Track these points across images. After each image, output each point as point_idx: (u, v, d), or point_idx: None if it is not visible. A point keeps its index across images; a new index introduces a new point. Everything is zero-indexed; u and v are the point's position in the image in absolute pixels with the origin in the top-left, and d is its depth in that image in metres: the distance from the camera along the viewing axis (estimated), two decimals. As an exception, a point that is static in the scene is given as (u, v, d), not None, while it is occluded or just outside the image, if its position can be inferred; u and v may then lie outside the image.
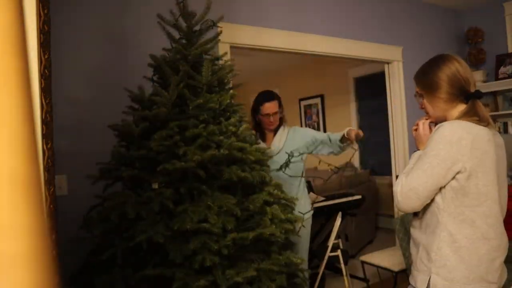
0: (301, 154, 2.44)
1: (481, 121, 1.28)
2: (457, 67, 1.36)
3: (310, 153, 2.57)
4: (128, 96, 1.70)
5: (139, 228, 1.38)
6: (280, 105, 2.50)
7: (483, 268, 1.26)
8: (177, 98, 1.58)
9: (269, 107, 2.44)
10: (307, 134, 2.55)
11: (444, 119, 1.37)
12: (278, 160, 2.35)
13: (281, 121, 2.55)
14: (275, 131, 2.54)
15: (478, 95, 1.34)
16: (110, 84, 2.13)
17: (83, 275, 1.52)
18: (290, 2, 2.94)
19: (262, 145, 2.47)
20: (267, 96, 2.48)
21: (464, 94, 1.34)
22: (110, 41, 2.19)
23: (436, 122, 1.43)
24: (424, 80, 1.44)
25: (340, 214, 2.83)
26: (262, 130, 2.55)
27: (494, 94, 3.95)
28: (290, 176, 2.31)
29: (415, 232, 1.40)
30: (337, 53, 3.21)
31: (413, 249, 1.41)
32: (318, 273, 2.80)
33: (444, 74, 1.37)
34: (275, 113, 2.46)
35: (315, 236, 3.40)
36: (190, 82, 1.63)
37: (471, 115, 1.30)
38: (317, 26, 3.07)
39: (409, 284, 1.41)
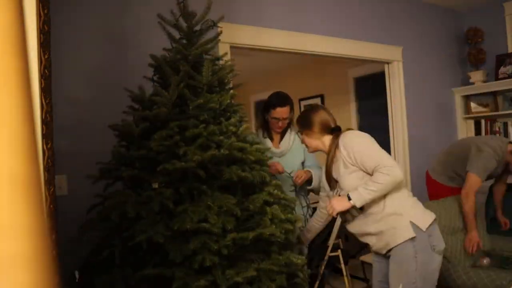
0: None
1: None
2: (324, 114, 2.00)
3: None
4: (128, 96, 1.70)
5: (139, 228, 1.38)
6: (291, 110, 2.47)
7: None
8: (177, 98, 1.58)
9: (281, 112, 2.41)
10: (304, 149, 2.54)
11: (316, 148, 2.01)
12: (286, 162, 2.37)
13: (289, 125, 2.52)
14: (282, 133, 2.53)
15: (338, 128, 1.97)
16: (110, 84, 2.13)
17: (83, 275, 1.52)
18: (290, 2, 2.94)
19: (269, 144, 2.45)
20: (281, 100, 2.44)
21: (329, 129, 1.96)
22: (110, 41, 2.19)
23: (312, 151, 2.07)
24: (303, 122, 2.03)
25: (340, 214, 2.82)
26: (269, 129, 2.52)
27: (494, 94, 3.95)
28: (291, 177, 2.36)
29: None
30: (337, 53, 3.21)
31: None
32: (318, 273, 2.80)
33: (317, 117, 1.98)
34: (285, 118, 2.44)
35: (315, 237, 3.39)
36: (190, 82, 1.63)
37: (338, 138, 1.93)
38: (317, 26, 3.07)
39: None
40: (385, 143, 4.01)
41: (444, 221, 2.73)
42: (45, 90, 1.10)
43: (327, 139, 1.93)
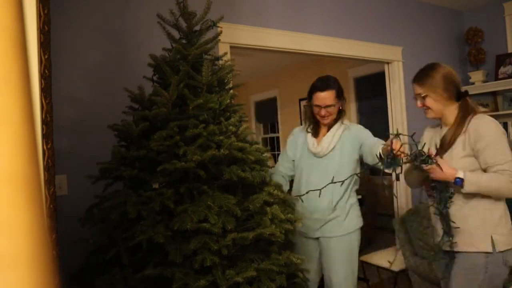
0: (349, 177, 2.02)
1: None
2: (450, 69, 1.78)
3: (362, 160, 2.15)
4: (128, 96, 1.70)
5: (139, 228, 1.38)
6: (338, 96, 2.10)
7: None
8: (177, 98, 1.58)
9: (322, 97, 2.06)
10: (359, 136, 2.15)
11: (441, 115, 1.81)
12: (323, 167, 2.10)
13: (340, 116, 2.16)
14: (330, 127, 2.16)
15: (468, 93, 1.79)
16: (110, 84, 2.13)
17: (83, 275, 1.52)
18: (290, 2, 2.94)
19: (311, 142, 2.15)
20: (321, 84, 2.08)
21: (457, 93, 1.76)
22: (110, 41, 2.19)
23: (435, 117, 1.84)
24: (427, 81, 1.78)
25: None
26: (317, 122, 2.17)
27: (494, 94, 3.95)
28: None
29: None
30: (337, 53, 3.21)
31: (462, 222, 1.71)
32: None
33: (442, 75, 1.76)
34: (329, 106, 2.07)
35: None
36: (190, 82, 1.63)
37: (473, 109, 1.76)
38: (317, 26, 3.07)
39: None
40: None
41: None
42: (45, 90, 1.10)
43: (454, 108, 1.76)
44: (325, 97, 2.05)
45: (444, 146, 1.76)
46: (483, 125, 1.67)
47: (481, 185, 1.60)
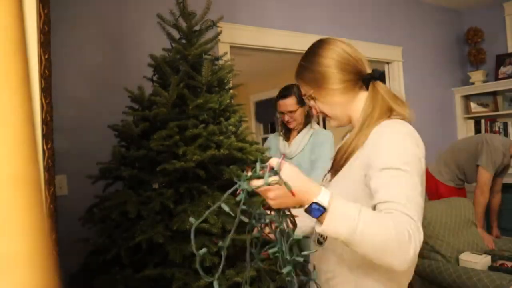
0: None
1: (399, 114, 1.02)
2: (343, 47, 1.08)
3: None
4: (128, 96, 1.70)
5: (139, 228, 1.38)
6: (299, 102, 2.19)
7: None
8: (177, 98, 1.58)
9: (284, 104, 2.22)
10: (318, 147, 2.21)
11: (348, 119, 1.09)
12: (297, 165, 2.15)
13: (308, 121, 2.28)
14: (299, 131, 2.31)
15: (377, 74, 1.05)
16: (110, 84, 2.13)
17: (83, 275, 1.52)
18: (290, 2, 2.94)
19: (282, 145, 2.31)
20: (283, 92, 2.25)
21: (361, 77, 1.05)
22: (110, 41, 2.19)
23: (339, 125, 1.12)
24: (307, 74, 1.08)
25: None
26: (288, 128, 2.33)
27: (494, 94, 3.95)
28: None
29: None
30: (337, 53, 3.20)
31: None
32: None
33: (329, 59, 1.05)
34: (291, 111, 2.22)
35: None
36: (190, 82, 1.63)
37: (380, 102, 1.02)
38: (317, 26, 3.07)
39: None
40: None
41: (445, 221, 2.73)
42: (45, 90, 1.10)
43: (361, 99, 1.06)
44: (287, 103, 2.22)
45: (334, 165, 1.07)
46: (380, 133, 0.97)
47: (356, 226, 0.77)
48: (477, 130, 4.00)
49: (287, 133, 2.35)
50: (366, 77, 1.05)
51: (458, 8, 4.14)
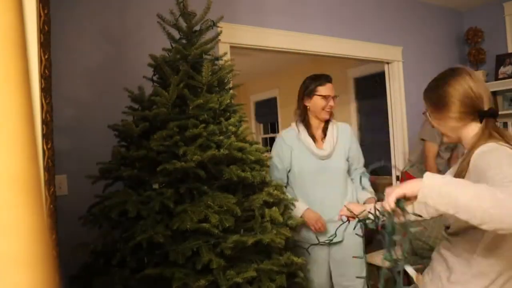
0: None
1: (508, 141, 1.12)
2: (469, 83, 1.20)
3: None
4: (128, 96, 1.70)
5: (139, 228, 1.38)
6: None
7: None
8: (177, 98, 1.58)
9: (331, 87, 2.09)
10: (349, 137, 2.17)
11: (457, 139, 1.25)
12: (332, 167, 2.07)
13: (331, 116, 2.15)
14: (324, 125, 2.15)
15: (492, 113, 1.18)
16: (110, 84, 2.13)
17: (83, 276, 1.52)
18: (290, 2, 2.94)
19: (312, 146, 2.09)
20: (325, 76, 2.12)
21: (477, 112, 1.19)
22: (110, 41, 2.19)
23: (449, 141, 1.31)
24: (432, 95, 1.31)
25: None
26: (308, 125, 2.14)
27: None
28: None
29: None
30: (337, 53, 3.21)
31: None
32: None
33: (455, 91, 1.21)
34: (335, 97, 2.10)
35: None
36: (190, 82, 1.63)
37: (487, 136, 1.14)
38: (317, 26, 3.07)
39: None
40: (385, 143, 4.01)
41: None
42: (45, 90, 1.10)
43: (473, 128, 1.19)
44: (332, 87, 2.10)
45: None
46: (485, 155, 1.09)
47: (443, 189, 0.93)
48: (477, 130, 4.00)
49: (311, 133, 2.13)
50: (481, 114, 1.19)
51: (458, 8, 4.14)
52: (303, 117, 2.16)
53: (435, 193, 0.93)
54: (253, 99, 7.60)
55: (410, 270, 1.07)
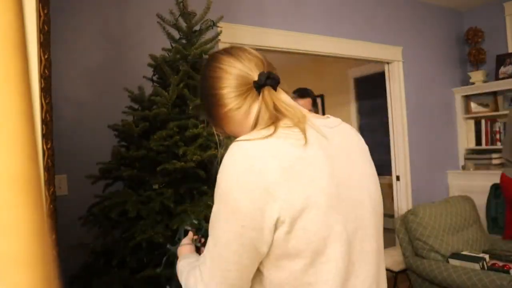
0: None
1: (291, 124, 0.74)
2: (228, 60, 0.84)
3: None
4: (128, 96, 1.70)
5: (139, 228, 1.38)
6: (313, 105, 2.19)
7: None
8: (177, 98, 1.58)
9: (302, 104, 2.18)
10: None
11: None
12: None
13: None
14: None
15: (263, 80, 0.80)
16: (110, 84, 2.13)
17: (83, 276, 1.52)
18: (290, 2, 2.94)
19: None
20: (300, 92, 2.19)
21: (251, 87, 0.82)
22: (110, 41, 2.19)
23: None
24: (202, 105, 0.97)
25: None
26: None
27: (494, 94, 3.95)
28: None
29: None
30: (337, 53, 3.21)
31: None
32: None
33: (214, 80, 0.84)
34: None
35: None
36: (190, 82, 1.63)
37: (262, 119, 0.77)
38: (317, 26, 3.07)
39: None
40: (385, 143, 4.01)
41: (445, 221, 2.73)
42: (45, 90, 1.10)
43: (253, 108, 0.82)
44: (304, 104, 2.14)
45: None
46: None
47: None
48: (477, 130, 4.00)
49: None
50: (258, 84, 0.81)
51: (458, 8, 4.14)
52: None
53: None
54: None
55: None
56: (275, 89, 0.82)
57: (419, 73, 3.77)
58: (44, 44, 1.08)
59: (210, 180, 1.54)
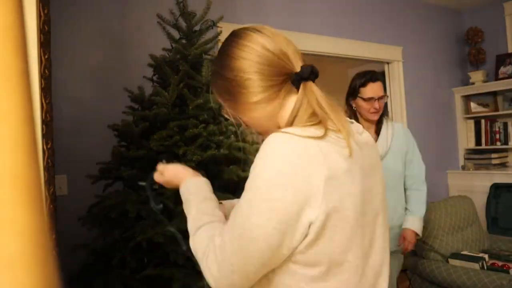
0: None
1: (322, 124, 0.71)
2: (262, 42, 0.78)
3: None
4: (128, 96, 1.70)
5: (139, 228, 1.38)
6: (385, 90, 1.96)
7: None
8: (177, 98, 1.58)
9: (376, 88, 1.90)
10: (407, 140, 2.03)
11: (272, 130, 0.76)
12: (387, 169, 1.82)
13: (384, 111, 1.98)
14: (377, 125, 1.98)
15: (307, 73, 0.78)
16: (110, 84, 2.13)
17: (83, 276, 1.52)
18: (290, 2, 2.94)
19: None
20: (371, 75, 1.93)
21: (290, 77, 0.79)
22: (110, 41, 2.19)
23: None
24: (220, 83, 0.82)
25: None
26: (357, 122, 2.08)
27: (494, 94, 3.95)
28: None
29: None
30: (337, 53, 3.21)
31: None
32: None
33: (246, 62, 0.77)
34: (381, 97, 1.90)
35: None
36: (190, 82, 1.63)
37: (309, 113, 0.73)
38: (317, 26, 3.07)
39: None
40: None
41: (444, 221, 2.73)
42: (45, 90, 1.10)
43: (289, 101, 0.79)
44: (377, 87, 1.90)
45: None
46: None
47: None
48: (477, 130, 4.01)
49: None
50: (297, 77, 0.79)
51: (458, 8, 4.14)
52: (351, 117, 2.09)
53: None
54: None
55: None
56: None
57: (419, 73, 3.77)
58: (44, 44, 1.08)
59: (210, 180, 1.54)
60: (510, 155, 3.91)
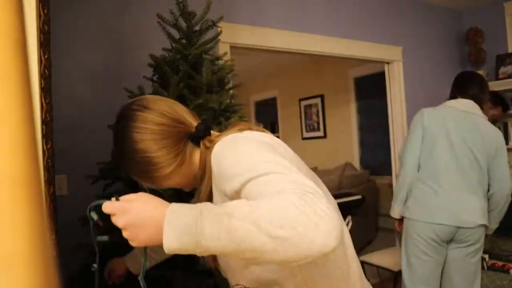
0: None
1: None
2: (154, 119, 0.85)
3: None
4: (128, 96, 1.69)
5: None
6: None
7: None
8: (177, 98, 1.58)
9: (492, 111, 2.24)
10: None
11: (191, 182, 0.94)
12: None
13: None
14: None
15: (202, 132, 0.87)
16: (110, 84, 2.13)
17: (83, 276, 1.52)
18: (290, 2, 2.94)
19: None
20: (473, 87, 2.24)
21: (189, 137, 0.88)
22: (110, 41, 2.19)
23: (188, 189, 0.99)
24: (130, 166, 0.94)
25: (349, 218, 2.82)
26: None
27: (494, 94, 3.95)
28: None
29: None
30: (337, 53, 3.21)
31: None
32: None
33: (147, 142, 0.84)
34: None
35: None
36: (190, 82, 1.63)
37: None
38: (317, 26, 3.07)
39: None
40: (385, 143, 4.01)
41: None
42: (45, 90, 1.10)
43: (196, 156, 0.90)
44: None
45: None
46: (218, 149, 0.83)
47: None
48: (477, 130, 4.00)
49: None
50: (192, 137, 0.88)
51: (458, 8, 4.14)
52: None
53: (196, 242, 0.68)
54: (253, 99, 7.60)
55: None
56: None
57: (419, 73, 3.77)
58: (44, 44, 1.08)
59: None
60: (510, 155, 3.91)
